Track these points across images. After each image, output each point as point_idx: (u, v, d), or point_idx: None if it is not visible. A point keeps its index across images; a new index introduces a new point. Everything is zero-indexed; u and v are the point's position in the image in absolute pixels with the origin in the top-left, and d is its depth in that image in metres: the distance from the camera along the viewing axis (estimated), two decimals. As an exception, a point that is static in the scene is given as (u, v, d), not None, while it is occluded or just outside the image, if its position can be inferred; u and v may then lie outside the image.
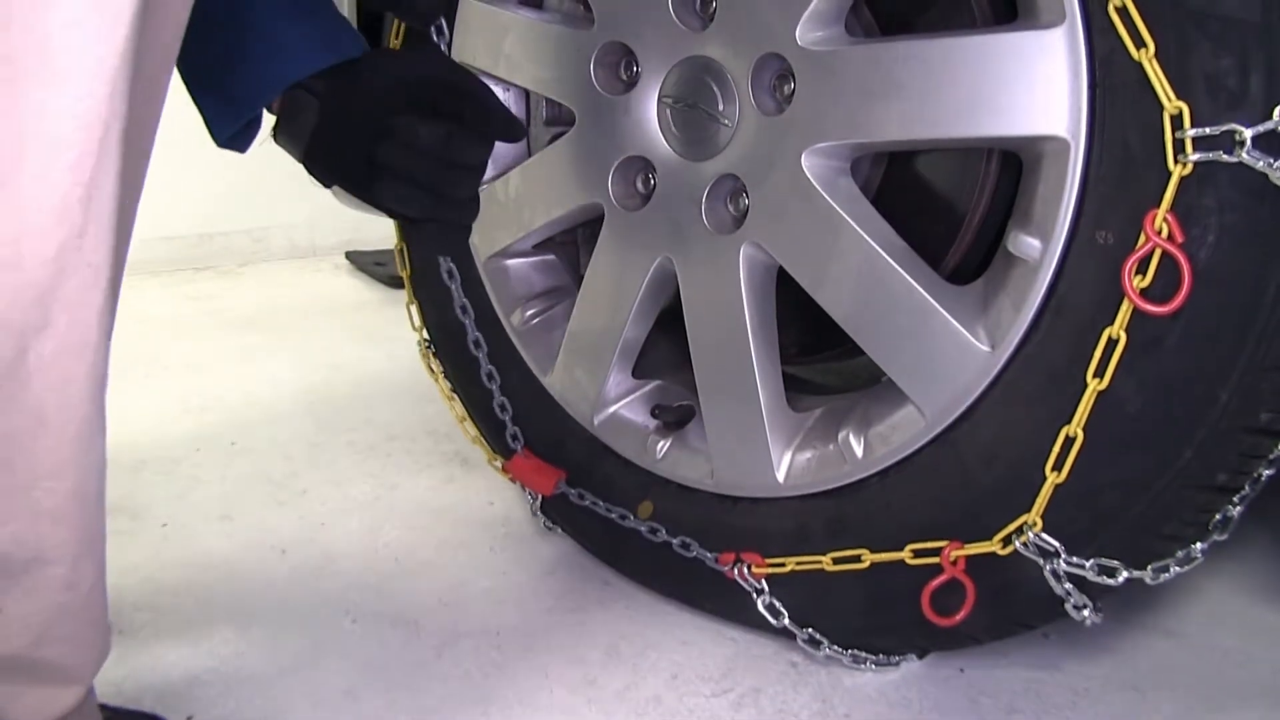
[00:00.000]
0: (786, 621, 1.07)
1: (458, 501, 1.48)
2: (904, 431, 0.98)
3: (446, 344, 1.35)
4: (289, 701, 1.03)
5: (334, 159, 1.05)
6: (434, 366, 1.37)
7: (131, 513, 1.45)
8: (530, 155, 1.30)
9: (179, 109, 0.88)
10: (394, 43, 1.30)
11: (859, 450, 1.02)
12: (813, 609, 1.06)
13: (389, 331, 2.34)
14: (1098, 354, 0.84)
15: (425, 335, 1.38)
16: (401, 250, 1.36)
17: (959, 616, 0.95)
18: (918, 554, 0.97)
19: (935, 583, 0.96)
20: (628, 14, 1.11)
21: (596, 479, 1.23)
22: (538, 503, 1.29)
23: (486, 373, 1.25)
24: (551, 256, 1.32)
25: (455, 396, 1.36)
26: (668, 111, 1.10)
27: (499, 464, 1.32)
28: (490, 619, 1.17)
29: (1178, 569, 0.88)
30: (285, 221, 3.15)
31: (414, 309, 1.38)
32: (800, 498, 1.06)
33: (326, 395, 1.94)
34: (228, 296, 2.72)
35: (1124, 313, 0.82)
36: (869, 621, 1.04)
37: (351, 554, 1.33)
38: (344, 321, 2.46)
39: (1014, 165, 0.97)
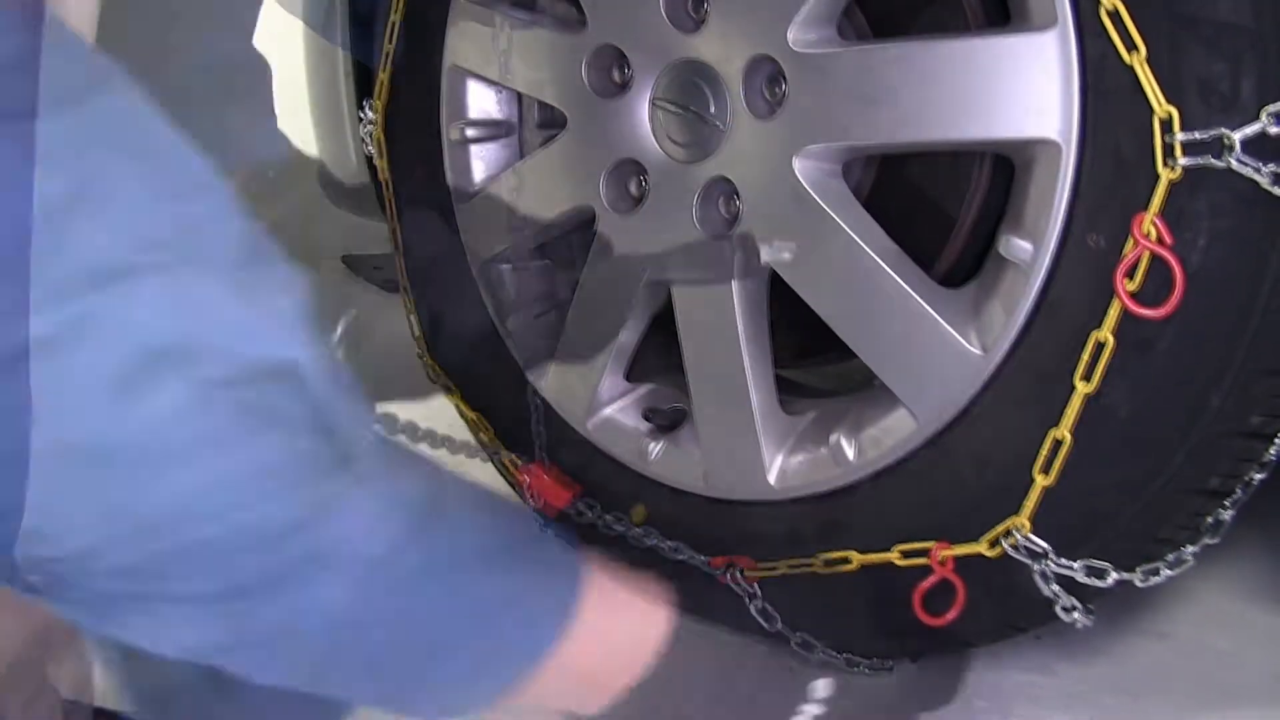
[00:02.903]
0: (779, 626, 1.07)
1: (452, 504, 1.47)
2: (896, 435, 0.98)
3: (470, 346, 1.33)
4: (281, 706, 1.02)
5: None
6: (435, 370, 1.37)
7: (125, 516, 1.45)
8: (523, 158, 1.30)
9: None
10: (394, 16, 1.29)
11: (851, 453, 1.02)
12: (806, 613, 1.06)
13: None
14: (1086, 357, 0.84)
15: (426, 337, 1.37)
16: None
17: (949, 616, 0.95)
18: (906, 555, 0.97)
19: (926, 584, 0.96)
20: (620, 16, 1.11)
21: (589, 483, 1.22)
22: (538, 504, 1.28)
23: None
24: (544, 260, 1.32)
25: (462, 399, 1.35)
26: (660, 114, 1.10)
27: (508, 466, 1.30)
28: (483, 622, 1.17)
29: (1168, 572, 0.88)
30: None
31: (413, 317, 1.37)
32: (792, 501, 1.06)
33: (321, 398, 1.93)
34: (223, 299, 2.71)
35: (1112, 316, 0.82)
36: (862, 625, 1.03)
37: (345, 557, 1.32)
38: (339, 324, 2.46)
39: (1006, 168, 0.97)
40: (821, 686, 0.73)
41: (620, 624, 0.68)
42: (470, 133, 1.32)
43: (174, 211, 0.52)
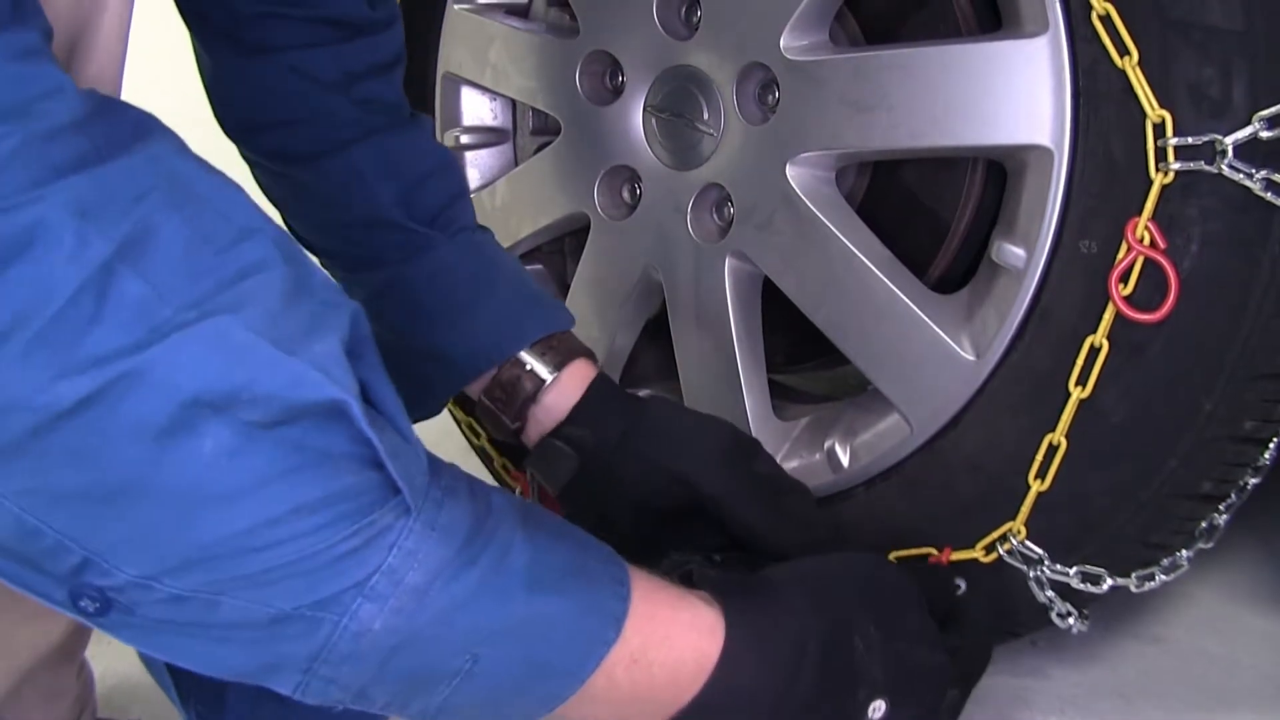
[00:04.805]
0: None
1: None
2: (890, 440, 0.98)
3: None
4: (275, 714, 1.02)
5: (606, 527, 0.86)
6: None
7: (118, 524, 1.44)
8: (517, 165, 1.30)
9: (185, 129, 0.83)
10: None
11: (845, 459, 1.02)
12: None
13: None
14: (1080, 362, 0.84)
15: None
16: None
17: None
18: (900, 561, 0.97)
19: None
20: (613, 23, 1.11)
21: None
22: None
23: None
24: (538, 266, 1.32)
25: (455, 404, 1.34)
26: (653, 121, 1.10)
27: (503, 473, 1.30)
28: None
29: (1163, 577, 0.88)
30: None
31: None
32: (787, 507, 1.06)
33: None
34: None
35: (1106, 321, 0.82)
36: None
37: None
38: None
39: (999, 174, 0.97)
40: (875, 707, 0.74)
41: (670, 644, 0.68)
42: (464, 139, 1.32)
43: (217, 262, 0.53)
